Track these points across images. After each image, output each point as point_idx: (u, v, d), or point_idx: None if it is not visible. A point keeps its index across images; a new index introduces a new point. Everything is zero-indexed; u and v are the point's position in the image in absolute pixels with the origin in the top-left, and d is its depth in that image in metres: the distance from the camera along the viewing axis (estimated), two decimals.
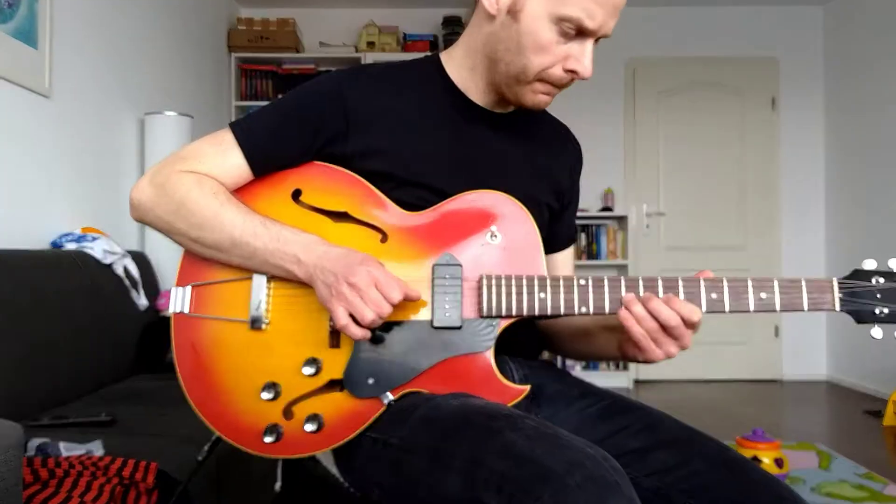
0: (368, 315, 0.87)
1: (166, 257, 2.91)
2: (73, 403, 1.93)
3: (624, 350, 0.99)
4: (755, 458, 2.45)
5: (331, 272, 0.89)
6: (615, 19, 0.97)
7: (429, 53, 1.16)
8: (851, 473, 2.71)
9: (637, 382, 4.71)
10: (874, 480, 2.62)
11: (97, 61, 2.80)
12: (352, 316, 0.88)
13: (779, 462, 2.50)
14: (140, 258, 2.62)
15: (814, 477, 2.67)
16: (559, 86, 1.01)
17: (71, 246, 2.32)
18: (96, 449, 1.41)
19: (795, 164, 4.90)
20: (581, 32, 0.95)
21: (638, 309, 0.90)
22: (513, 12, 0.97)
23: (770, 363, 4.85)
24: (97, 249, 2.32)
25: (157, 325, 2.48)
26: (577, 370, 4.57)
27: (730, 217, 4.89)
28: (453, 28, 4.68)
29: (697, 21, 4.90)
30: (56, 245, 2.35)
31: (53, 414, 1.75)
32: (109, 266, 2.35)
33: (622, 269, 4.76)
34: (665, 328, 0.89)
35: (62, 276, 2.08)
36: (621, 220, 4.77)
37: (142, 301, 2.48)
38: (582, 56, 0.97)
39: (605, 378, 4.49)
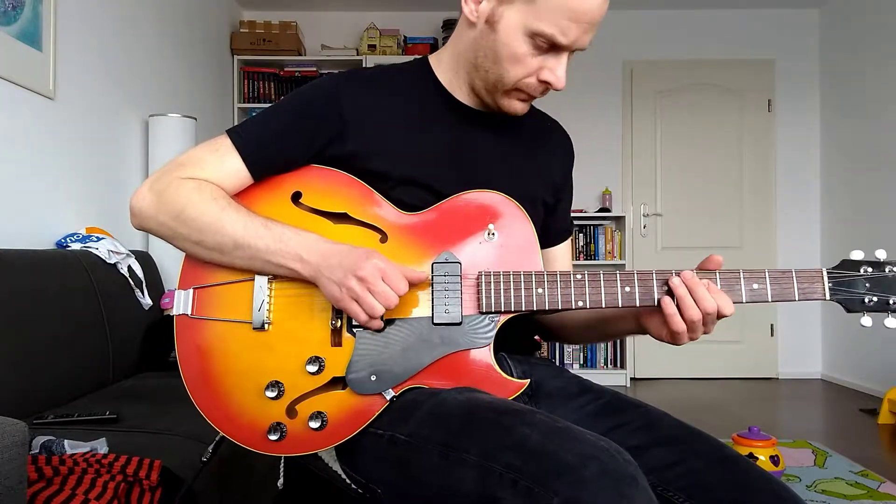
0: (378, 309, 0.90)
1: (170, 257, 2.93)
2: (78, 401, 1.94)
3: (646, 328, 1.01)
4: (751, 456, 2.46)
5: (337, 268, 0.91)
6: (591, 34, 0.98)
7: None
8: (847, 471, 2.72)
9: (633, 380, 4.73)
10: (870, 478, 2.64)
11: (101, 63, 2.82)
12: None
13: (774, 459, 2.52)
14: (144, 258, 2.64)
15: (809, 474, 2.69)
16: (536, 95, 1.03)
17: (76, 246, 2.34)
18: (101, 446, 1.41)
19: (791, 165, 4.92)
20: (554, 46, 0.97)
21: (685, 296, 0.92)
22: (490, 22, 0.99)
23: (766, 361, 4.87)
24: (102, 249, 2.33)
25: (160, 324, 2.49)
26: (574, 367, 4.59)
27: (726, 217, 4.91)
28: (453, 31, 4.69)
29: (694, 23, 4.92)
30: (61, 245, 2.37)
31: (58, 412, 1.76)
32: (114, 266, 2.37)
33: (620, 269, 4.77)
34: (703, 318, 0.92)
35: (67, 276, 2.09)
36: (619, 220, 4.79)
37: (146, 300, 2.50)
38: (556, 68, 0.99)
39: (602, 376, 4.51)
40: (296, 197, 1.02)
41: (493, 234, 0.99)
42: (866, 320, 0.94)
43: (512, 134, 1.13)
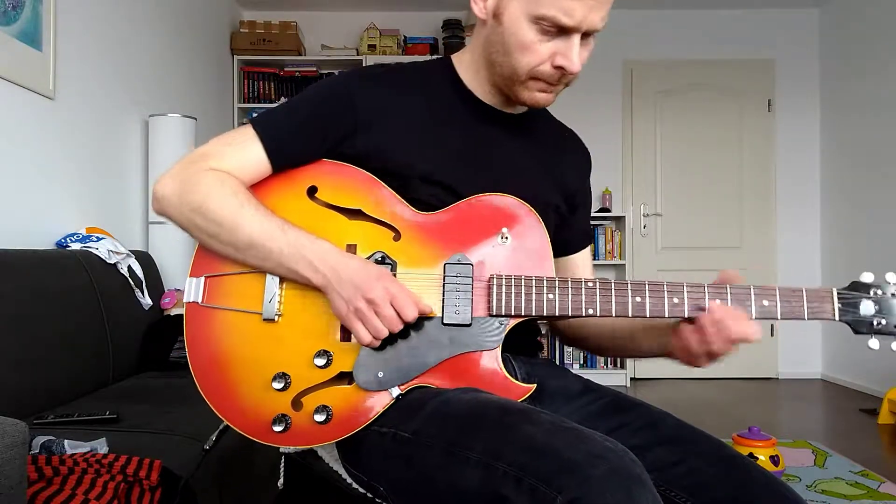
0: (383, 332, 0.91)
1: (170, 257, 2.94)
2: (78, 401, 1.94)
3: (672, 353, 1.01)
4: (751, 456, 2.46)
5: (348, 284, 0.91)
6: (600, 13, 0.95)
7: (429, 56, 1.18)
8: (847, 471, 2.73)
9: (634, 380, 4.73)
10: (870, 478, 2.64)
11: (101, 63, 2.82)
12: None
13: (774, 459, 2.52)
14: (144, 258, 2.64)
15: (809, 474, 2.69)
16: (554, 82, 1.01)
17: (76, 246, 2.34)
18: (101, 446, 1.41)
19: (791, 165, 4.92)
20: (562, 30, 0.96)
21: (712, 329, 0.92)
22: (497, 15, 0.99)
23: (766, 361, 4.87)
24: (102, 249, 2.33)
25: (161, 324, 2.49)
26: (575, 368, 4.59)
27: (726, 218, 4.91)
28: (453, 31, 4.69)
29: (694, 23, 4.92)
30: (61, 245, 2.37)
31: (58, 412, 1.76)
32: (114, 266, 2.37)
33: (620, 269, 4.78)
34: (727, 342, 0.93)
35: (67, 276, 2.09)
36: (619, 220, 4.79)
37: (146, 300, 2.50)
38: (568, 52, 0.97)
39: (603, 376, 4.51)
40: (311, 191, 1.03)
41: (507, 237, 1.00)
42: (874, 343, 0.94)
43: (530, 138, 1.13)
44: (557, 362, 1.21)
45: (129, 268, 2.45)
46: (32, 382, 1.83)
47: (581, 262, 1.21)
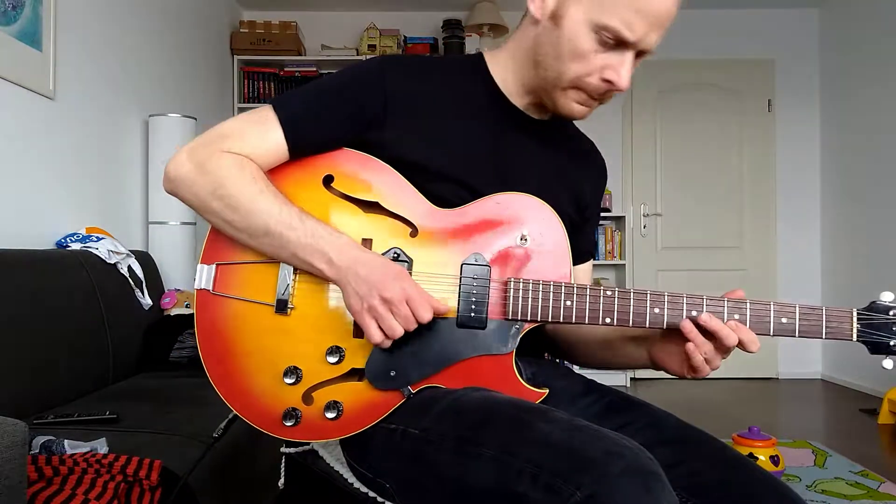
0: (397, 331, 0.89)
1: (170, 257, 2.94)
2: (78, 401, 1.94)
3: (662, 364, 0.99)
4: (751, 456, 2.46)
5: (364, 282, 0.90)
6: (658, 33, 0.94)
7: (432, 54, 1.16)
8: (847, 471, 2.73)
9: (634, 380, 4.73)
10: (870, 478, 2.64)
11: (101, 63, 2.81)
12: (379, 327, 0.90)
13: (775, 459, 2.52)
14: (144, 258, 2.64)
15: (809, 474, 2.69)
16: (595, 96, 0.99)
17: (75, 246, 2.33)
18: (101, 447, 1.41)
19: (791, 165, 4.92)
20: (621, 43, 0.94)
21: (701, 341, 0.91)
22: (555, 17, 0.97)
23: (766, 361, 4.87)
24: (102, 249, 2.33)
25: (161, 324, 2.49)
26: (576, 367, 4.58)
27: (726, 218, 4.91)
28: (453, 31, 4.69)
29: (694, 23, 4.91)
30: (61, 245, 2.37)
31: (58, 412, 1.76)
32: (114, 266, 2.37)
33: (620, 269, 4.78)
34: (720, 349, 0.92)
35: (67, 276, 2.09)
36: (619, 220, 4.79)
37: (146, 300, 2.50)
38: (620, 67, 0.95)
39: (603, 376, 4.48)
40: (327, 180, 1.00)
41: (526, 238, 0.98)
42: (888, 363, 0.94)
43: (553, 145, 1.12)
44: (558, 362, 1.20)
45: (129, 268, 2.45)
46: (32, 382, 1.82)
47: (581, 277, 1.19)
